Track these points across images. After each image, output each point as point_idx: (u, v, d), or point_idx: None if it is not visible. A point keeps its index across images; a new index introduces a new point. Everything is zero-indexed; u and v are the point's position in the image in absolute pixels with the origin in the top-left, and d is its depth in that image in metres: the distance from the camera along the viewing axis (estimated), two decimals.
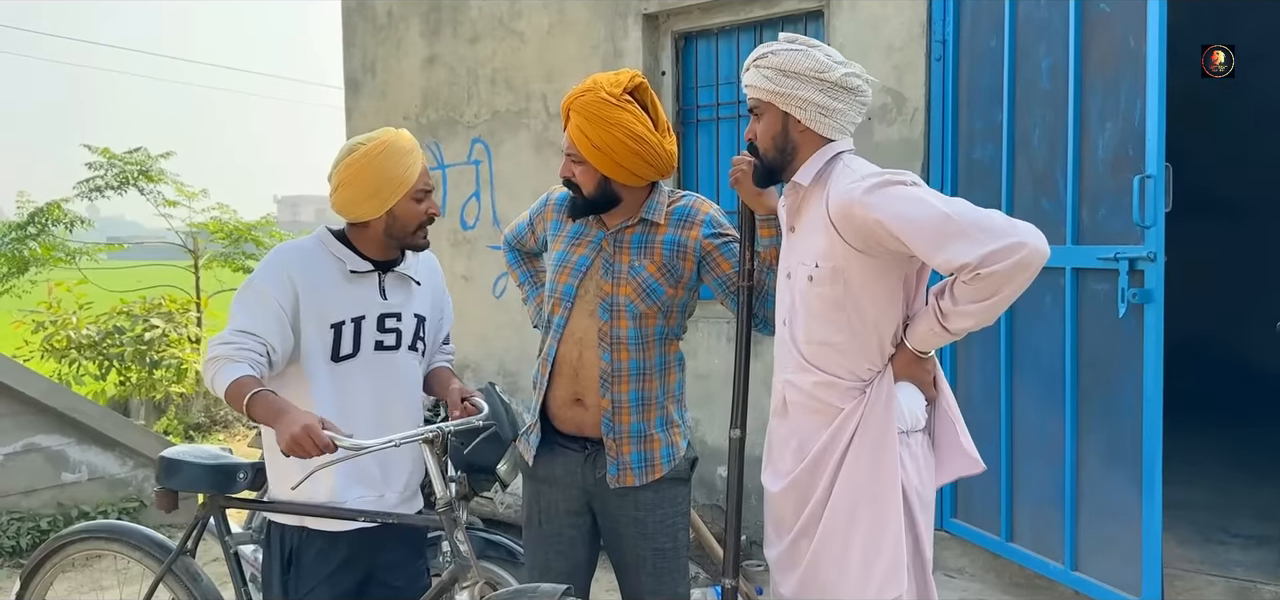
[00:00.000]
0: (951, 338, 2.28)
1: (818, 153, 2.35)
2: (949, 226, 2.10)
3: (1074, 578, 3.72)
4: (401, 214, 2.51)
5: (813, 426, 2.37)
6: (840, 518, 2.31)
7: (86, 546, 2.96)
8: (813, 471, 2.35)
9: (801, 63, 2.30)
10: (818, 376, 2.34)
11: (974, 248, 2.08)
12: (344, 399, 2.48)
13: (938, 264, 2.15)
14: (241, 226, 10.90)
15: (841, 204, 2.22)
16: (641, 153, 2.46)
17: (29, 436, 5.29)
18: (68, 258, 10.64)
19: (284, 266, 2.47)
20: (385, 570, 2.61)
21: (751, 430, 2.65)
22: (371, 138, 2.52)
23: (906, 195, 2.17)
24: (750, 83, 2.38)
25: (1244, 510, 4.83)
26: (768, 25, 4.94)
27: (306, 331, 2.46)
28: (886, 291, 2.30)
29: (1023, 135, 3.90)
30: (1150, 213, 3.30)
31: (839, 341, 2.31)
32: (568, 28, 5.47)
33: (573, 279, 2.56)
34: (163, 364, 9.36)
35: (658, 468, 2.55)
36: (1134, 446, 3.42)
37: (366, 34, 6.45)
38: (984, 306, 2.14)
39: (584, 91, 2.48)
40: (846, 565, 2.31)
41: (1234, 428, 6.77)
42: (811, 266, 2.31)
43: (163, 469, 2.72)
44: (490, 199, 5.86)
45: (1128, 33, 3.41)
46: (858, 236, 2.22)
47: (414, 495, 2.66)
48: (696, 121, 5.24)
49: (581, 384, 2.54)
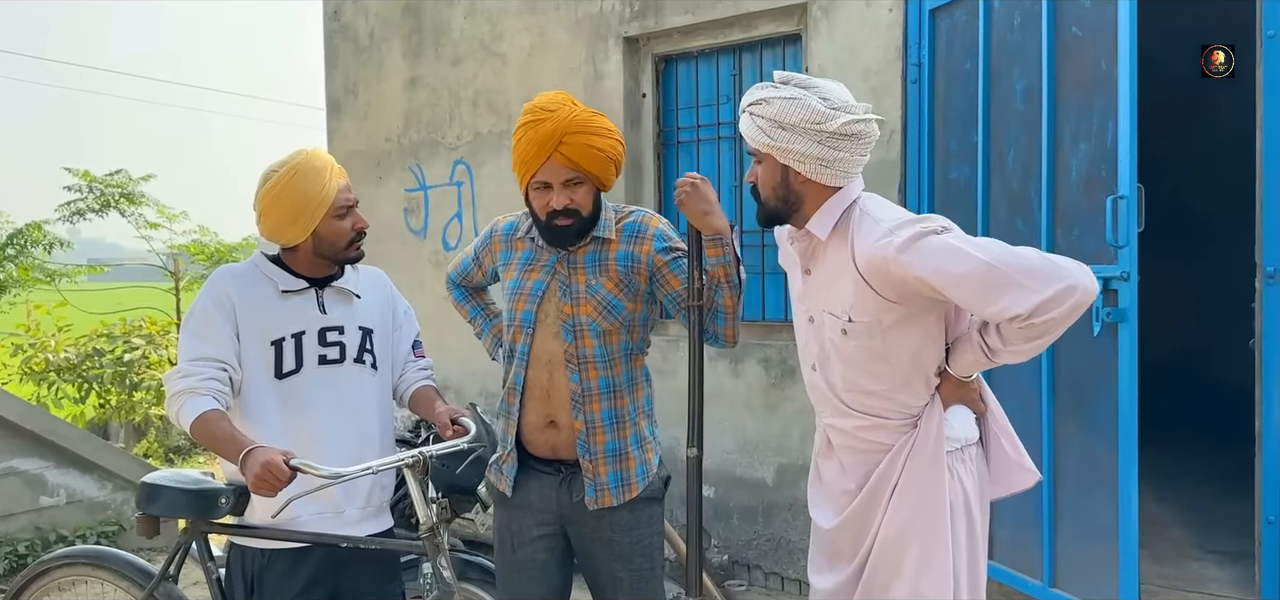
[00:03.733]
0: (993, 365, 2.24)
1: (829, 202, 2.26)
2: (993, 277, 2.02)
3: (1052, 595, 3.74)
4: (326, 234, 2.54)
5: (863, 462, 2.35)
6: (892, 541, 2.29)
7: (70, 571, 2.95)
8: (870, 502, 2.32)
9: (795, 114, 2.18)
10: (861, 420, 2.31)
11: (1026, 297, 2.00)
12: (293, 416, 2.49)
13: (987, 316, 2.10)
14: (222, 248, 10.89)
15: (874, 261, 2.14)
16: (621, 153, 2.54)
17: (6, 460, 5.24)
18: (47, 279, 10.58)
19: (222, 287, 2.51)
20: (349, 591, 2.59)
21: (755, 448, 2.66)
22: (284, 161, 2.53)
23: (943, 247, 2.07)
24: (745, 130, 2.29)
25: (1220, 527, 4.87)
26: (747, 49, 4.98)
27: (247, 351, 2.48)
28: (924, 331, 2.25)
29: (998, 156, 3.94)
30: (1123, 232, 3.34)
31: (881, 388, 2.27)
32: (549, 50, 5.51)
33: (531, 304, 2.54)
34: (143, 386, 9.30)
35: (634, 487, 2.55)
36: (1110, 465, 3.44)
37: (348, 55, 6.47)
38: (1035, 346, 2.11)
39: (565, 115, 2.44)
40: (897, 587, 2.28)
41: (1209, 445, 6.82)
42: (844, 320, 2.23)
43: (143, 495, 2.70)
44: (472, 220, 5.87)
45: (1099, 56, 3.46)
46: (895, 291, 2.16)
47: (379, 512, 2.66)
48: (677, 143, 5.27)
49: (553, 405, 2.53)
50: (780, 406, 4.77)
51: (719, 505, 5.01)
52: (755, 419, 4.86)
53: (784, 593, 4.79)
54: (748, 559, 4.93)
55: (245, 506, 2.55)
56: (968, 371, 2.28)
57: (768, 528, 4.86)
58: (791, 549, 4.77)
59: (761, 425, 4.84)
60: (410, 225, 6.20)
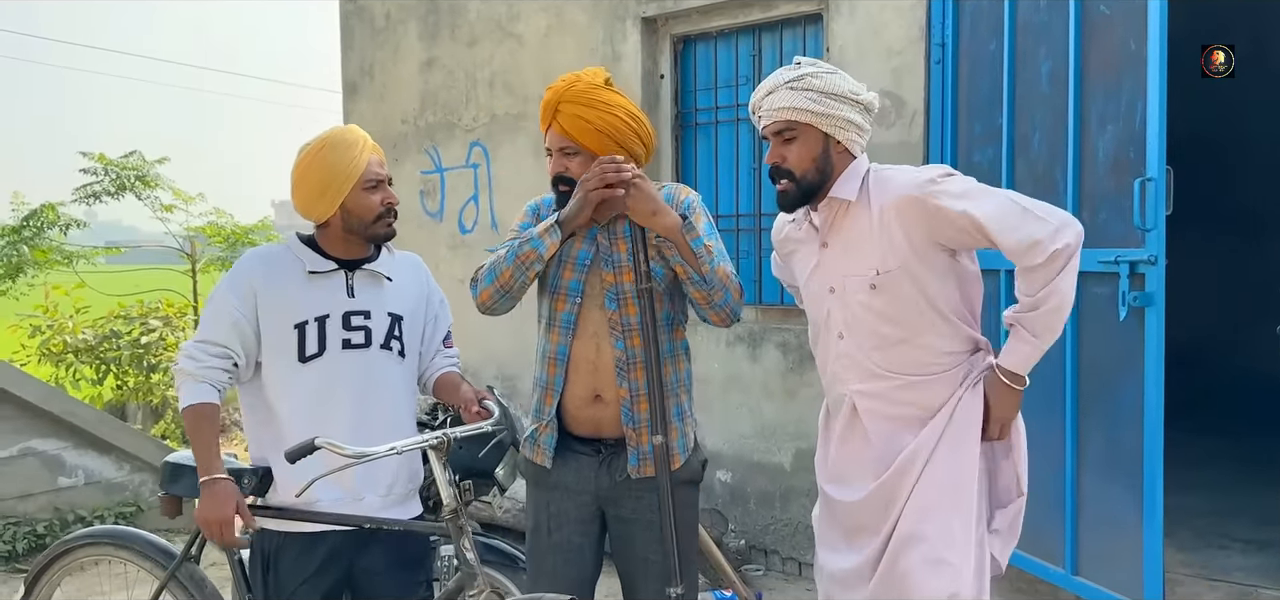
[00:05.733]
0: (1041, 347, 2.32)
1: (850, 168, 2.41)
2: (1013, 207, 2.25)
3: (1075, 583, 3.71)
4: (354, 207, 2.53)
5: (892, 429, 2.40)
6: (919, 515, 2.33)
7: (92, 551, 2.95)
8: (899, 478, 2.37)
9: (842, 85, 2.35)
10: (894, 381, 2.39)
11: (1042, 226, 2.22)
12: (316, 399, 2.49)
13: (1009, 244, 2.23)
14: (238, 230, 10.90)
15: (907, 200, 2.30)
16: (639, 131, 2.51)
17: (25, 440, 5.27)
18: (65, 261, 10.61)
19: (245, 273, 2.54)
20: (364, 575, 2.59)
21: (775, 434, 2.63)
22: (316, 138, 2.56)
23: (968, 183, 2.31)
24: (789, 105, 2.35)
25: (1245, 515, 4.82)
26: (766, 29, 4.93)
27: (269, 335, 2.49)
28: (947, 272, 2.37)
29: (1023, 138, 3.89)
30: (1151, 216, 3.29)
31: (909, 336, 2.37)
32: (566, 31, 5.46)
33: (577, 274, 2.52)
34: (160, 368, 9.34)
35: (675, 457, 2.54)
36: (1135, 451, 3.40)
37: (364, 37, 6.44)
38: (1052, 289, 2.23)
39: (571, 85, 2.49)
40: (919, 561, 2.32)
41: (1235, 432, 6.76)
42: (871, 275, 2.35)
43: (167, 474, 2.72)
44: (489, 202, 5.85)
45: (1128, 35, 3.40)
46: (925, 227, 2.30)
47: (404, 500, 2.63)
48: (695, 125, 5.23)
49: (600, 379, 2.51)
50: (799, 392, 4.73)
51: (736, 490, 4.98)
52: (773, 404, 4.83)
53: (801, 577, 4.76)
54: (765, 544, 4.91)
55: (268, 488, 2.54)
56: (1018, 364, 2.34)
57: (785, 513, 4.83)
58: (809, 534, 4.71)
59: (779, 410, 4.81)
60: (426, 208, 6.18)
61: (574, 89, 2.48)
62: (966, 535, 2.32)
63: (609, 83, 2.54)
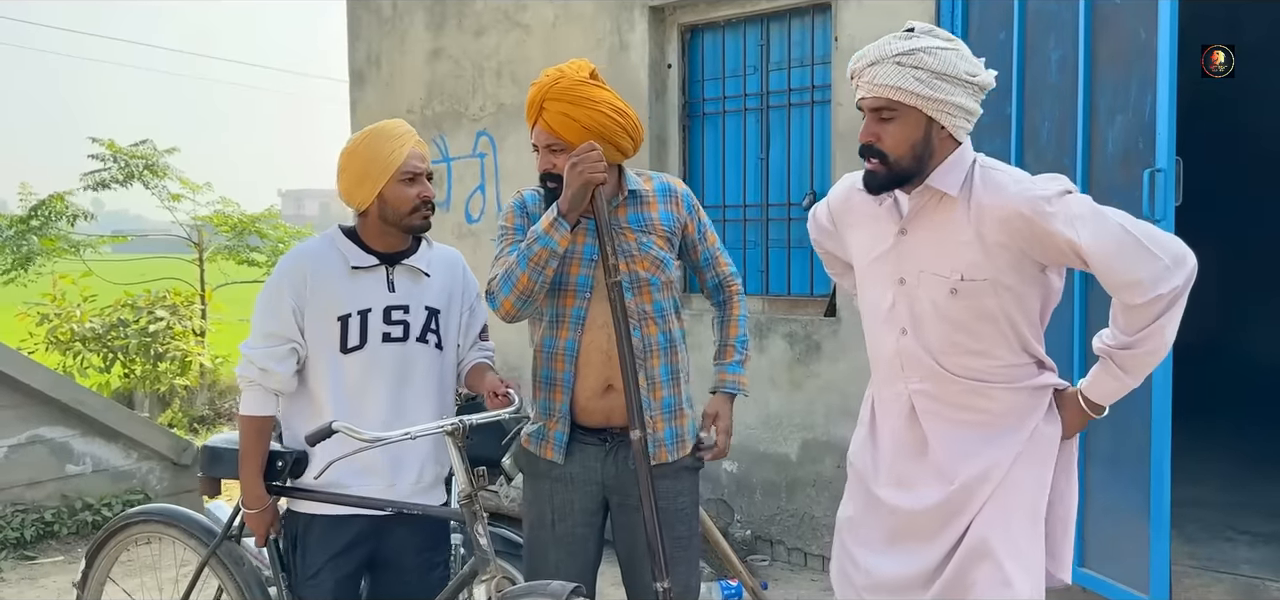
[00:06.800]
0: (1129, 385, 2.21)
1: (953, 156, 2.18)
2: (1128, 241, 2.05)
3: (1082, 575, 3.70)
4: (391, 198, 2.58)
5: (956, 436, 2.26)
6: (985, 540, 2.22)
7: (144, 529, 3.11)
8: (967, 495, 2.24)
9: (959, 65, 2.11)
10: (964, 385, 2.24)
11: (1155, 264, 2.03)
12: (355, 391, 2.57)
13: (1117, 283, 2.08)
14: (246, 219, 10.90)
15: (1016, 212, 2.10)
16: (625, 125, 2.50)
17: (33, 428, 5.29)
18: (72, 249, 10.63)
19: (294, 264, 2.62)
20: (385, 558, 2.67)
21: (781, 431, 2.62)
22: (364, 129, 2.64)
23: (1087, 206, 2.09)
24: (890, 82, 2.12)
25: (1252, 508, 4.81)
26: (774, 18, 4.91)
27: (313, 327, 2.57)
28: (1035, 292, 2.22)
29: (1032, 129, 3.88)
30: (1161, 206, 3.27)
31: (984, 348, 2.21)
32: (573, 20, 5.45)
33: (586, 269, 2.52)
34: (167, 357, 9.37)
35: (686, 443, 2.59)
36: (1142, 444, 3.39)
37: (371, 27, 6.44)
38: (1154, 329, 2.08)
39: (554, 81, 2.47)
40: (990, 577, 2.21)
41: (1242, 426, 6.74)
42: (954, 279, 2.17)
43: (206, 457, 2.86)
44: (495, 192, 5.85)
45: (1138, 25, 3.38)
46: (1027, 245, 2.13)
47: (433, 487, 2.69)
48: (703, 115, 5.21)
49: (613, 368, 2.50)
50: (805, 382, 4.73)
51: (742, 480, 4.98)
52: (779, 394, 4.82)
53: (807, 568, 4.76)
54: (771, 534, 4.91)
55: (302, 471, 2.63)
56: (1102, 397, 2.23)
57: (791, 503, 4.83)
58: (815, 525, 4.74)
59: (785, 401, 4.80)
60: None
61: (558, 86, 2.46)
62: (1034, 560, 2.23)
63: (595, 75, 2.52)
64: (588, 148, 2.39)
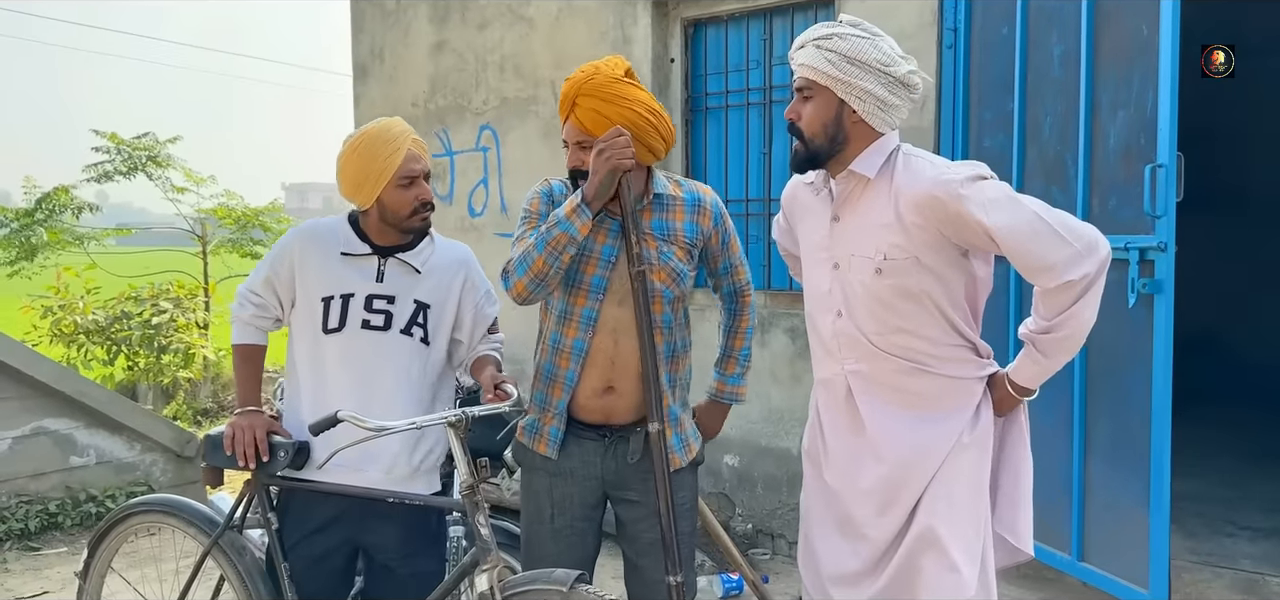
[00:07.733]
0: (1051, 367, 2.29)
1: (875, 145, 2.32)
2: (1041, 227, 2.15)
3: (1081, 569, 3.71)
4: (389, 202, 2.63)
5: (890, 414, 2.35)
6: (931, 531, 2.30)
7: (146, 519, 3.13)
8: (906, 471, 2.33)
9: (869, 52, 2.24)
10: (897, 364, 2.34)
11: (1065, 248, 2.14)
12: (323, 369, 2.65)
13: (1029, 266, 2.19)
14: (249, 212, 10.90)
15: (930, 195, 2.21)
16: (658, 126, 2.49)
17: (37, 420, 5.31)
18: (76, 242, 10.65)
19: (293, 239, 2.72)
20: (377, 550, 2.69)
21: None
22: (361, 129, 2.66)
23: (1000, 192, 2.19)
24: (808, 62, 2.29)
25: (1252, 503, 4.82)
26: (778, 12, 4.91)
27: (300, 301, 2.68)
28: (955, 274, 2.31)
29: (1034, 124, 3.88)
30: (1161, 203, 3.28)
31: (911, 327, 2.31)
32: (577, 14, 5.45)
33: (601, 270, 2.50)
34: (170, 349, 9.38)
35: (692, 448, 2.62)
36: (1142, 438, 3.40)
37: (375, 20, 6.44)
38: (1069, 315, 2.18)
39: (589, 76, 2.47)
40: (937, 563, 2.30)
41: (1242, 420, 6.75)
42: (879, 259, 2.28)
43: (209, 447, 2.88)
44: (498, 186, 5.85)
45: (1140, 21, 3.38)
46: (942, 227, 2.23)
47: (408, 479, 2.68)
48: (705, 109, 5.22)
49: (616, 372, 2.51)
50: (806, 376, 4.73)
51: (743, 474, 4.99)
52: (781, 389, 4.83)
53: None
54: (772, 528, 4.92)
55: (305, 460, 2.66)
56: (1027, 380, 2.32)
57: (792, 497, 4.84)
58: None
59: (787, 395, 4.81)
60: (436, 191, 6.16)
61: (593, 81, 2.45)
62: (977, 544, 2.32)
63: (630, 74, 2.52)
64: (616, 132, 2.39)
